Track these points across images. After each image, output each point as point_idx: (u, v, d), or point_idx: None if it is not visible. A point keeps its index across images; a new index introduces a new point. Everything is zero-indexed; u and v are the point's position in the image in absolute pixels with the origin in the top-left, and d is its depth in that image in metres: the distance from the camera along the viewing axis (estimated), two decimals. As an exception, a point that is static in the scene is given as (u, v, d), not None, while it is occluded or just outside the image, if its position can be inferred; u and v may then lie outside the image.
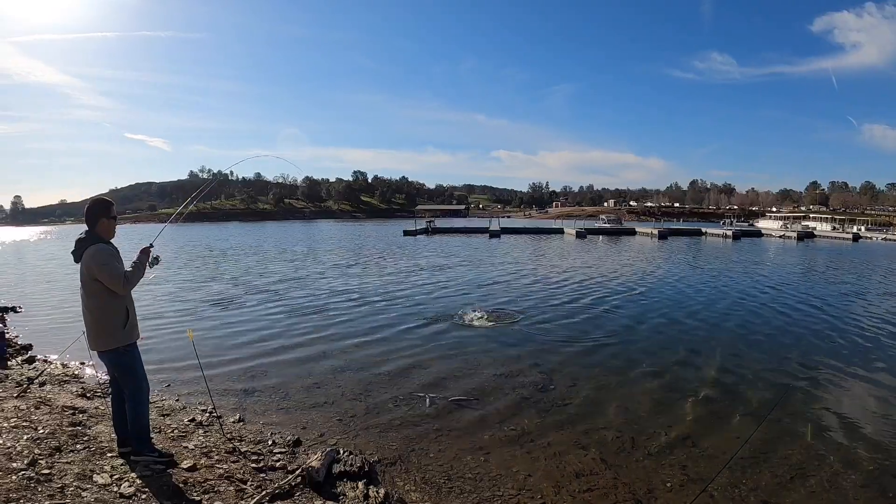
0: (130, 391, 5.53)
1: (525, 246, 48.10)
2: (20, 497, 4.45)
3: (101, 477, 5.10)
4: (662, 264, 31.52)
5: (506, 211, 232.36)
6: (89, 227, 5.35)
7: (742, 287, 21.68)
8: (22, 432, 6.03)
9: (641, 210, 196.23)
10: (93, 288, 5.21)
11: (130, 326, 5.46)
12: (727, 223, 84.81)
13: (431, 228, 75.99)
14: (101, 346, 5.38)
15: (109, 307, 5.28)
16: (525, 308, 16.53)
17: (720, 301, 18.21)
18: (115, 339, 5.34)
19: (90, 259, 5.15)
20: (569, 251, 41.72)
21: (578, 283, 22.61)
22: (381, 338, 12.88)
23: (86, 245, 5.24)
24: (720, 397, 8.99)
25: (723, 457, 6.73)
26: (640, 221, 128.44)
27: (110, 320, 5.30)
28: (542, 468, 6.54)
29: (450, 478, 6.27)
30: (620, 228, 75.67)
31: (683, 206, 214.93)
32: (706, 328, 14.05)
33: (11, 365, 10.19)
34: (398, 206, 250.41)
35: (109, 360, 5.48)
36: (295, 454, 6.59)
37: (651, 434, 7.53)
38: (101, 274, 5.14)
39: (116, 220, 5.58)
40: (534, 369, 10.36)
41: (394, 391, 9.13)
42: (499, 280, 23.57)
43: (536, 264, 30.94)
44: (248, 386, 9.42)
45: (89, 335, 5.39)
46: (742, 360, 11.14)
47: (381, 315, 15.57)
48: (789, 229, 69.46)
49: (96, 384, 9.17)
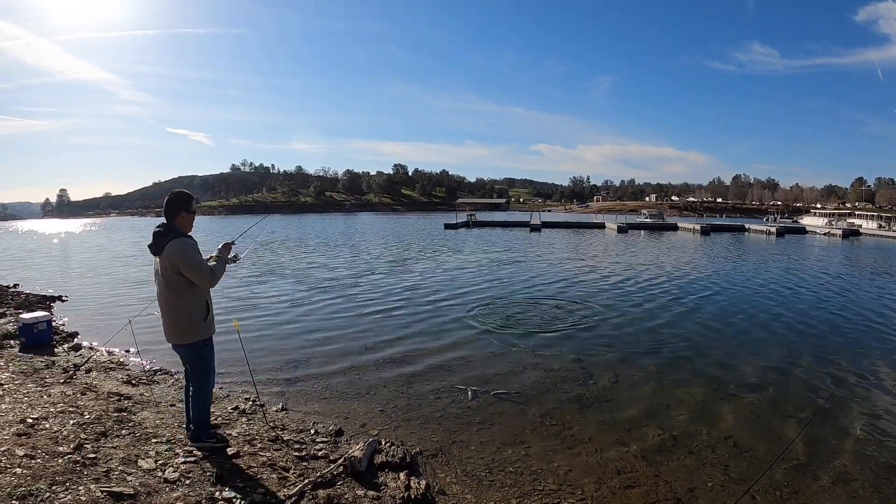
0: (199, 384, 5.59)
1: (566, 240, 47.59)
2: (66, 480, 4.46)
3: (146, 462, 5.11)
4: (705, 260, 30.85)
5: (546, 205, 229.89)
6: (168, 220, 5.30)
7: (790, 285, 21.07)
8: (68, 417, 6.09)
9: (684, 205, 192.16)
10: (175, 282, 5.17)
11: (210, 320, 5.48)
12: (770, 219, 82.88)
13: (472, 222, 75.51)
14: (180, 340, 5.38)
15: (191, 301, 5.27)
16: (567, 303, 16.32)
17: (765, 298, 17.74)
18: (196, 333, 5.37)
19: (175, 253, 5.08)
20: (610, 246, 41.13)
21: (621, 278, 22.23)
22: (424, 331, 12.78)
23: (166, 239, 5.16)
24: (764, 397, 8.70)
25: (765, 458, 6.52)
26: (682, 216, 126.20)
27: (191, 314, 5.30)
28: (582, 464, 6.41)
29: (490, 471, 6.18)
30: (662, 223, 74.09)
31: (726, 201, 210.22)
32: (751, 327, 13.64)
33: (58, 352, 10.36)
34: (438, 200, 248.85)
35: (185, 352, 5.50)
36: (337, 444, 6.56)
37: (693, 433, 7.33)
38: (187, 268, 5.11)
39: (195, 214, 5.55)
40: (575, 364, 10.20)
41: (436, 384, 9.04)
42: (544, 274, 23.27)
43: (577, 259, 30.55)
44: (292, 375, 9.43)
45: (167, 328, 5.38)
46: (789, 360, 10.77)
47: (426, 309, 15.46)
48: (834, 227, 67.48)
49: (141, 372, 9.29)
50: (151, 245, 5.26)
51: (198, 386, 5.59)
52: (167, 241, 5.15)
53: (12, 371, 8.24)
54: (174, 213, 5.31)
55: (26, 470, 4.52)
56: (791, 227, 69.01)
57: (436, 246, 40.03)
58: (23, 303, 15.50)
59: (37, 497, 4.12)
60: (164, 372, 9.38)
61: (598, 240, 49.02)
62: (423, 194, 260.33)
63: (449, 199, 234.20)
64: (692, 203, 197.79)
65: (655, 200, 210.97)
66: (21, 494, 4.11)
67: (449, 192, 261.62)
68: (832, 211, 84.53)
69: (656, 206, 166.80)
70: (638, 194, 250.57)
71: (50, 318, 11.29)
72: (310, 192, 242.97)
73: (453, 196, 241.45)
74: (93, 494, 4.29)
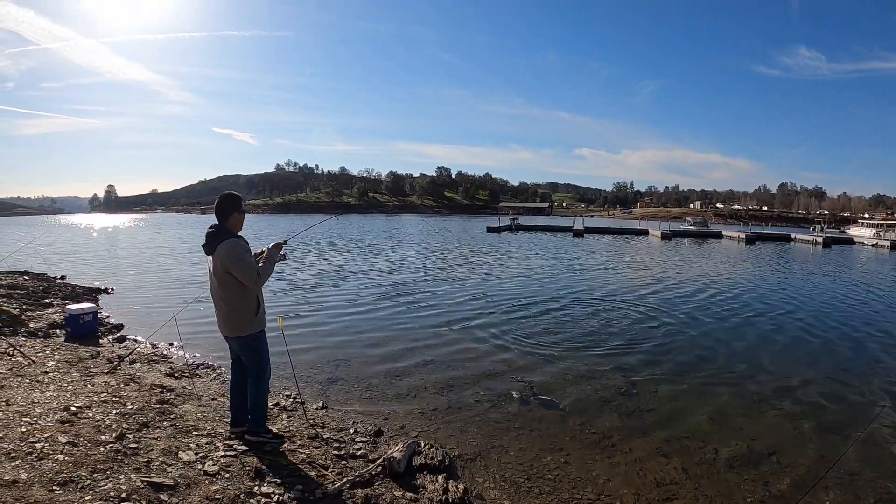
0: (255, 374, 5.67)
1: (609, 246, 47.03)
2: (107, 468, 4.47)
3: (187, 454, 5.11)
4: (750, 269, 30.08)
5: (589, 210, 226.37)
6: (220, 220, 5.48)
7: (839, 297, 20.38)
8: (111, 407, 6.15)
9: (729, 213, 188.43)
10: (226, 280, 5.35)
11: (261, 314, 5.60)
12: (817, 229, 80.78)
13: (515, 226, 75.50)
14: (234, 332, 5.53)
15: (242, 297, 5.41)
16: (612, 311, 16.06)
17: (812, 311, 17.21)
18: (248, 326, 5.50)
19: (225, 254, 5.26)
20: (654, 253, 40.60)
21: (667, 287, 21.74)
22: (466, 335, 12.65)
23: (218, 239, 5.35)
24: (809, 412, 8.36)
25: (807, 475, 6.25)
26: (726, 224, 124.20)
27: (243, 309, 5.44)
28: (622, 473, 6.26)
29: (529, 477, 6.06)
30: (706, 231, 72.75)
31: (772, 209, 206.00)
32: (799, 340, 13.15)
33: (103, 343, 10.54)
34: (481, 203, 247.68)
35: (240, 344, 5.62)
36: (376, 444, 6.50)
37: (734, 446, 7.08)
38: (235, 269, 5.27)
39: (245, 214, 5.71)
40: (616, 373, 9.99)
41: (476, 387, 8.93)
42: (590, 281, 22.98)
43: (622, 267, 30.08)
44: (333, 374, 9.41)
45: (221, 321, 5.54)
46: (837, 375, 10.30)
47: (468, 312, 15.32)
48: (882, 238, 65.57)
49: (184, 365, 9.37)
50: (205, 245, 5.43)
51: (255, 377, 5.67)
52: (219, 241, 5.32)
53: (58, 360, 8.38)
54: (226, 213, 5.48)
55: (68, 457, 4.55)
56: (838, 237, 66.92)
57: (479, 250, 39.83)
58: (70, 294, 15.82)
59: (77, 484, 4.13)
60: (206, 366, 9.47)
61: (642, 246, 48.43)
62: (466, 197, 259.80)
63: (492, 203, 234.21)
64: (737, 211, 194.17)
65: (700, 207, 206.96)
66: (62, 480, 4.13)
67: (492, 195, 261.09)
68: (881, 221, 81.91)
69: (700, 213, 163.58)
70: (682, 201, 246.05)
71: (96, 310, 11.48)
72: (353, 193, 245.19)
73: (496, 199, 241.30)
74: (133, 484, 4.29)
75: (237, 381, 5.83)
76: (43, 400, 6.07)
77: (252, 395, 5.71)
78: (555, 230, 72.42)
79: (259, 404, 5.77)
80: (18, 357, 8.08)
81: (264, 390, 5.80)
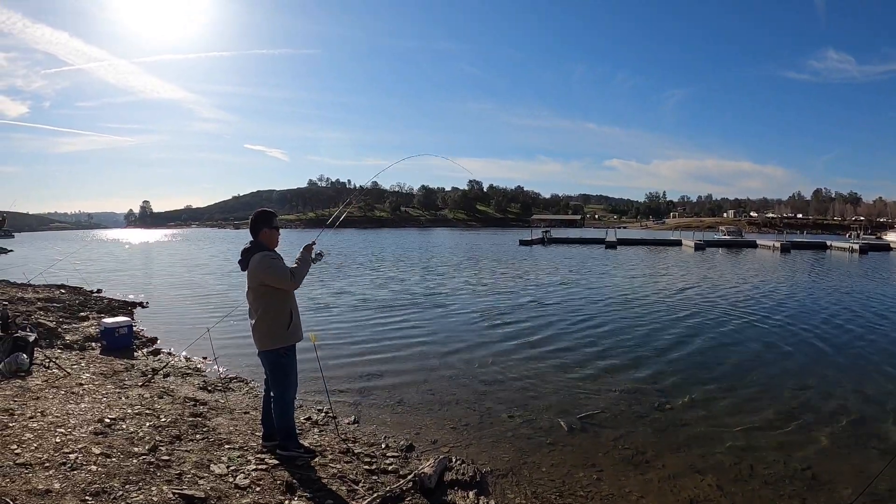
0: (278, 392, 5.65)
1: (643, 258, 46.44)
2: (139, 480, 4.48)
3: (218, 467, 5.11)
4: (787, 279, 29.34)
5: (621, 221, 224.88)
6: (253, 236, 5.62)
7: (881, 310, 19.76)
8: (145, 419, 6.18)
9: (763, 221, 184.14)
10: (259, 292, 5.45)
11: (294, 327, 5.62)
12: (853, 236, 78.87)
13: (547, 238, 74.87)
14: (263, 346, 5.56)
15: (274, 309, 5.48)
16: (643, 324, 15.84)
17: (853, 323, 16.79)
18: (279, 340, 5.52)
19: (257, 266, 5.37)
20: (688, 264, 39.98)
21: (702, 298, 21.36)
22: (499, 349, 12.51)
23: (251, 254, 5.46)
24: (847, 428, 8.06)
25: (844, 492, 6.04)
26: (760, 233, 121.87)
27: (275, 321, 5.48)
28: (655, 490, 6.09)
29: (561, 494, 5.92)
30: (740, 241, 71.26)
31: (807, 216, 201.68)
32: (837, 352, 12.76)
33: (138, 356, 10.67)
34: (513, 216, 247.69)
35: (268, 359, 5.63)
36: (407, 459, 6.43)
37: (770, 462, 6.86)
38: (267, 275, 5.35)
39: (279, 230, 5.81)
40: (650, 386, 9.80)
41: (509, 402, 8.80)
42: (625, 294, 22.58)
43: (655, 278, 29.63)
44: (364, 388, 9.38)
45: (254, 335, 5.57)
46: (878, 391, 10.09)
47: (502, 329, 15.11)
48: None
49: (217, 378, 9.43)
50: (240, 261, 5.55)
51: (277, 396, 5.64)
52: (251, 256, 5.43)
53: (93, 372, 8.48)
54: (257, 230, 5.63)
55: (101, 468, 4.57)
56: (875, 243, 65.31)
57: (512, 262, 39.68)
58: (105, 307, 16.07)
59: (109, 494, 4.14)
60: (239, 380, 9.50)
61: (676, 257, 47.76)
62: (497, 210, 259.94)
63: (524, 215, 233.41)
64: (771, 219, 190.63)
65: (733, 217, 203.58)
66: (95, 491, 4.14)
67: (524, 207, 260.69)
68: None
69: (734, 222, 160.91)
70: (715, 210, 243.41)
71: (131, 324, 11.63)
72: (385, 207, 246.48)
73: (528, 212, 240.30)
74: (164, 496, 4.28)
75: (268, 395, 5.83)
76: (77, 411, 6.13)
77: (277, 415, 5.70)
78: (588, 242, 72.04)
79: (286, 423, 5.75)
80: (54, 369, 8.19)
81: (290, 410, 5.79)
